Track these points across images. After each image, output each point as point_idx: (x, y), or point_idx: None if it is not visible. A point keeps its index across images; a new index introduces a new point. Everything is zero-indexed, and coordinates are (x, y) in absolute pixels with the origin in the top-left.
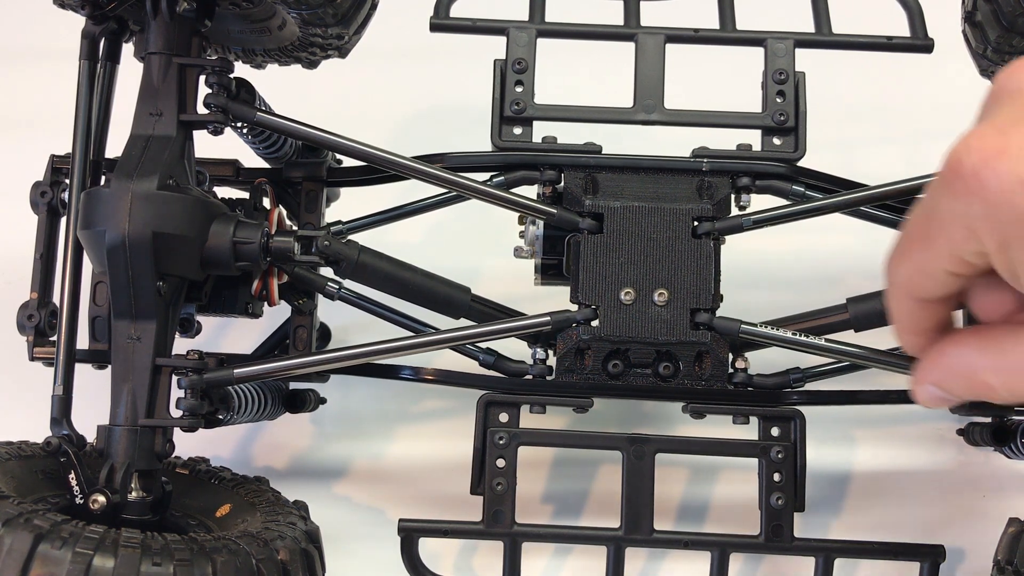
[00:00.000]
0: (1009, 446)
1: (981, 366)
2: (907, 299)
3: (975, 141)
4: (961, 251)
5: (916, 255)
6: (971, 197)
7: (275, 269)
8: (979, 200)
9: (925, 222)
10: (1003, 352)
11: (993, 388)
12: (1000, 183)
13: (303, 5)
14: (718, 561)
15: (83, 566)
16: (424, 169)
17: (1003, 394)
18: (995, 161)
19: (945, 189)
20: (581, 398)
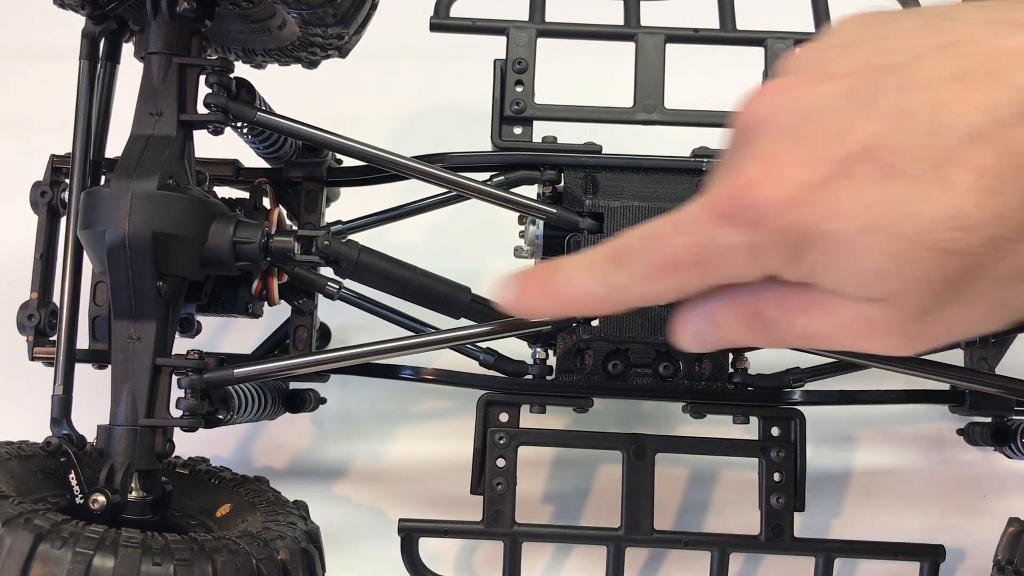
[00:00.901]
0: (1009, 446)
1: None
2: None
3: (747, 178)
4: (740, 275)
5: (679, 279)
6: (755, 228)
7: (275, 269)
8: (763, 230)
9: (697, 252)
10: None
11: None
12: (777, 208)
13: (303, 5)
14: (718, 561)
15: (83, 566)
16: (424, 169)
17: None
18: (770, 191)
19: (725, 225)
20: (581, 398)
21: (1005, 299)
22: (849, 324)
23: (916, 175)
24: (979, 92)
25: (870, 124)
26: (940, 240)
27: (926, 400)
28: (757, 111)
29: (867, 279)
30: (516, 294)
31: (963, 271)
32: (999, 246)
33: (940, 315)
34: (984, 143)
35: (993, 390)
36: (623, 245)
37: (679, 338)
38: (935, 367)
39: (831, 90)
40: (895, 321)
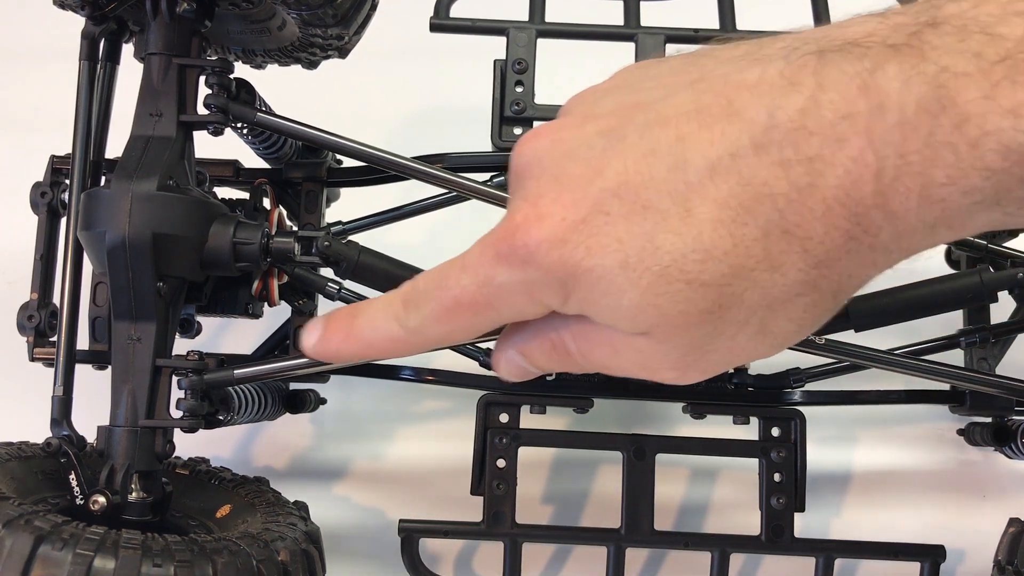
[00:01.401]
0: (1009, 446)
1: (563, 328)
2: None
3: (518, 219)
4: (524, 313)
5: (466, 319)
6: (527, 267)
7: (275, 270)
8: (533, 268)
9: (479, 292)
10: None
11: (571, 354)
12: (543, 246)
13: (303, 6)
14: (719, 561)
15: (84, 567)
16: (424, 169)
17: (580, 361)
18: (536, 230)
19: (502, 265)
20: (581, 398)
21: (765, 326)
22: (629, 357)
23: (662, 209)
24: (716, 126)
25: (620, 161)
26: (687, 272)
27: (926, 400)
28: (524, 155)
29: (626, 313)
30: (317, 339)
31: (714, 302)
32: (743, 276)
33: (707, 346)
34: (721, 175)
35: (993, 390)
36: (415, 287)
37: (499, 371)
38: (935, 367)
39: (589, 130)
40: (666, 353)
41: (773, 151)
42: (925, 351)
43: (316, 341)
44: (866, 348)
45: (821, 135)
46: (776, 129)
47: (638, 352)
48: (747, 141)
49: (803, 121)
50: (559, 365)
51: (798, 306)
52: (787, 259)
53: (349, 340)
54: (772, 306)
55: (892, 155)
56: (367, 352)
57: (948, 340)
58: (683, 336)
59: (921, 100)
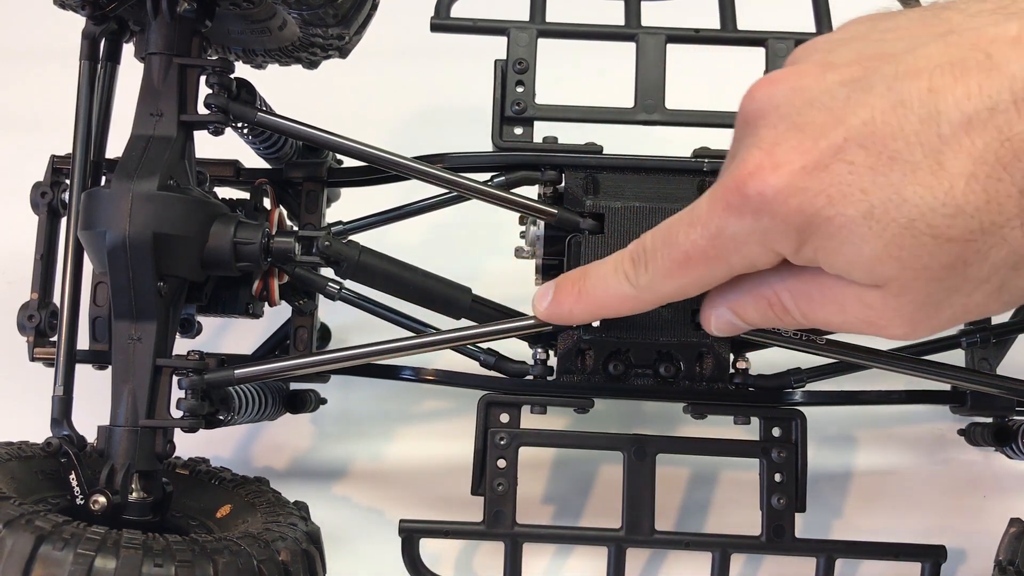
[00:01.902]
0: (1010, 446)
1: (781, 287)
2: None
3: (751, 167)
4: (757, 264)
5: (698, 272)
6: (760, 216)
7: (276, 270)
8: (768, 217)
9: (710, 244)
10: (804, 280)
11: (789, 311)
12: (781, 195)
13: (304, 5)
14: (719, 561)
15: (85, 567)
16: (424, 169)
17: (798, 318)
18: (772, 178)
19: (734, 215)
20: (582, 399)
21: (1005, 285)
22: (856, 312)
23: (911, 161)
24: (973, 79)
25: (867, 111)
26: (934, 227)
27: (927, 400)
28: (759, 101)
29: (865, 264)
30: (550, 301)
31: (959, 258)
32: (994, 232)
33: (941, 303)
34: (977, 130)
35: (994, 390)
36: (643, 246)
37: (709, 327)
38: (936, 367)
39: (830, 79)
40: (899, 308)
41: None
42: (926, 351)
43: (549, 303)
44: (866, 348)
45: None
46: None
47: (868, 308)
48: (1008, 96)
49: None
50: (771, 321)
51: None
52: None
53: (581, 300)
54: (1018, 265)
55: None
56: (599, 311)
57: (949, 340)
58: (920, 291)
59: None
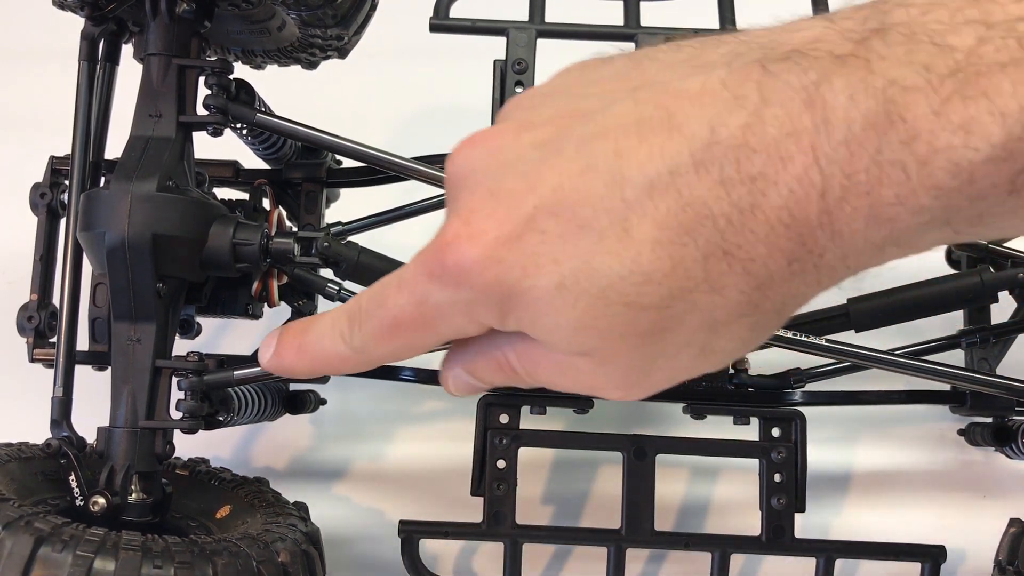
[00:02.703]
0: (1010, 446)
1: (507, 348)
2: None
3: (449, 236)
4: (465, 331)
5: (407, 338)
6: (460, 287)
7: (275, 270)
8: (467, 288)
9: (416, 311)
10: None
11: (516, 372)
12: (478, 266)
13: (303, 6)
14: (719, 562)
15: (84, 569)
16: (424, 170)
17: (526, 379)
18: (468, 249)
19: (436, 284)
20: (581, 399)
21: (707, 347)
22: (573, 377)
23: (599, 229)
24: (656, 140)
25: (556, 177)
26: (625, 296)
27: (927, 401)
28: (458, 164)
29: (564, 335)
30: (272, 353)
31: (654, 325)
32: (684, 298)
33: (648, 368)
34: (660, 194)
35: (994, 390)
36: (358, 304)
37: (447, 387)
38: (936, 367)
39: (525, 140)
40: (608, 374)
41: (714, 169)
42: (925, 351)
43: (271, 356)
44: (866, 348)
45: (765, 153)
46: (718, 145)
47: (581, 372)
48: (687, 158)
49: (746, 138)
50: (506, 381)
51: (741, 326)
52: (728, 281)
53: (301, 356)
54: (714, 327)
55: (838, 174)
56: (319, 368)
57: (948, 340)
58: (624, 358)
59: (868, 115)
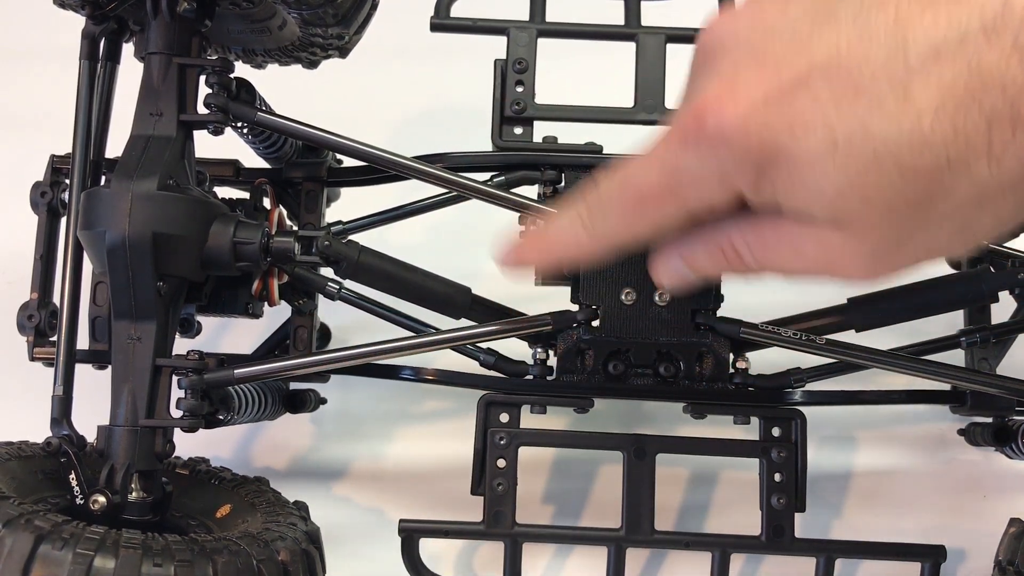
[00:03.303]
0: (1010, 446)
1: (735, 234)
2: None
3: (709, 99)
4: (715, 201)
5: (651, 213)
6: (718, 149)
7: (275, 269)
8: (726, 149)
9: (666, 181)
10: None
11: (742, 258)
12: (741, 127)
13: (303, 5)
14: (719, 561)
15: (84, 567)
16: (424, 169)
17: (752, 266)
18: (731, 109)
19: (690, 149)
20: (582, 398)
21: (968, 223)
22: (814, 255)
23: (877, 93)
24: (941, 8)
25: (832, 41)
26: (900, 161)
27: (927, 400)
28: (719, 32)
29: (827, 201)
30: (510, 249)
31: (924, 194)
32: (960, 168)
33: (903, 241)
34: (946, 61)
35: (994, 390)
36: (599, 190)
37: (658, 276)
38: (936, 367)
39: (793, 11)
40: (858, 248)
41: (1007, 37)
42: (926, 351)
43: (510, 252)
44: (866, 348)
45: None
46: (1011, 14)
47: (826, 248)
48: (977, 24)
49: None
50: (724, 269)
51: (1007, 203)
52: (1009, 151)
53: (544, 252)
54: (982, 202)
55: None
56: (562, 261)
57: (949, 340)
58: (883, 229)
59: None
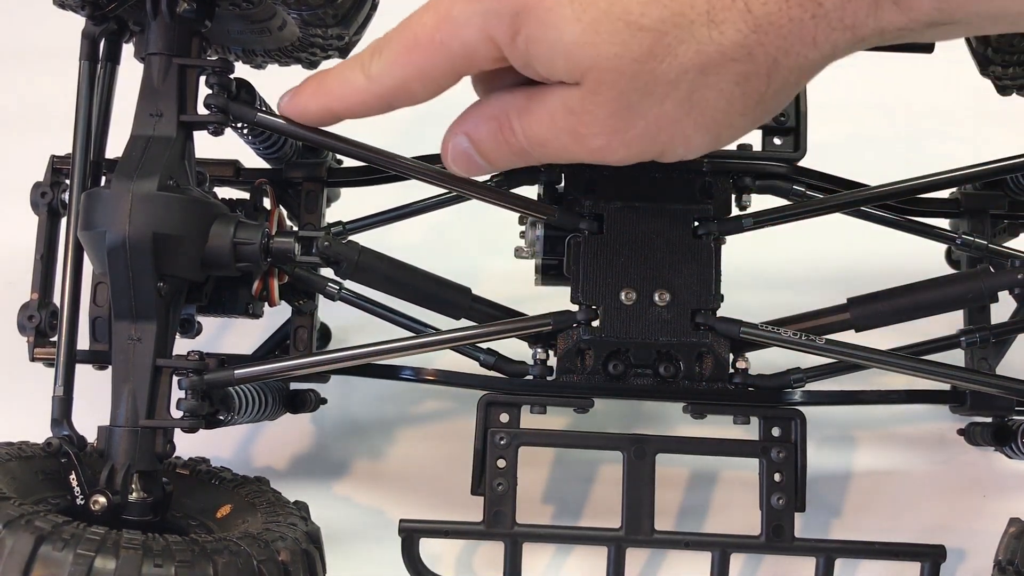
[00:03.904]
0: (1010, 446)
1: (511, 106)
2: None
3: None
4: (476, 52)
5: (422, 58)
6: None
7: (275, 270)
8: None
9: (436, 26)
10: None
11: (513, 131)
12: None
13: (303, 6)
14: (719, 561)
15: (85, 568)
16: (424, 169)
17: (520, 138)
18: None
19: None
20: (582, 398)
21: (694, 92)
22: (563, 121)
23: None
24: None
25: None
26: (628, 13)
27: (927, 400)
28: None
29: (565, 50)
30: (290, 95)
31: (648, 51)
32: (683, 27)
33: (636, 107)
34: None
35: (994, 390)
36: (383, 37)
37: (446, 158)
38: (936, 367)
39: None
40: (595, 110)
41: None
42: (925, 351)
43: (288, 99)
44: (866, 348)
45: None
46: None
47: (571, 113)
48: None
49: None
50: (503, 149)
51: (730, 74)
52: (728, 16)
53: (318, 93)
54: (705, 68)
55: None
56: (334, 104)
57: (948, 340)
58: (613, 86)
59: None
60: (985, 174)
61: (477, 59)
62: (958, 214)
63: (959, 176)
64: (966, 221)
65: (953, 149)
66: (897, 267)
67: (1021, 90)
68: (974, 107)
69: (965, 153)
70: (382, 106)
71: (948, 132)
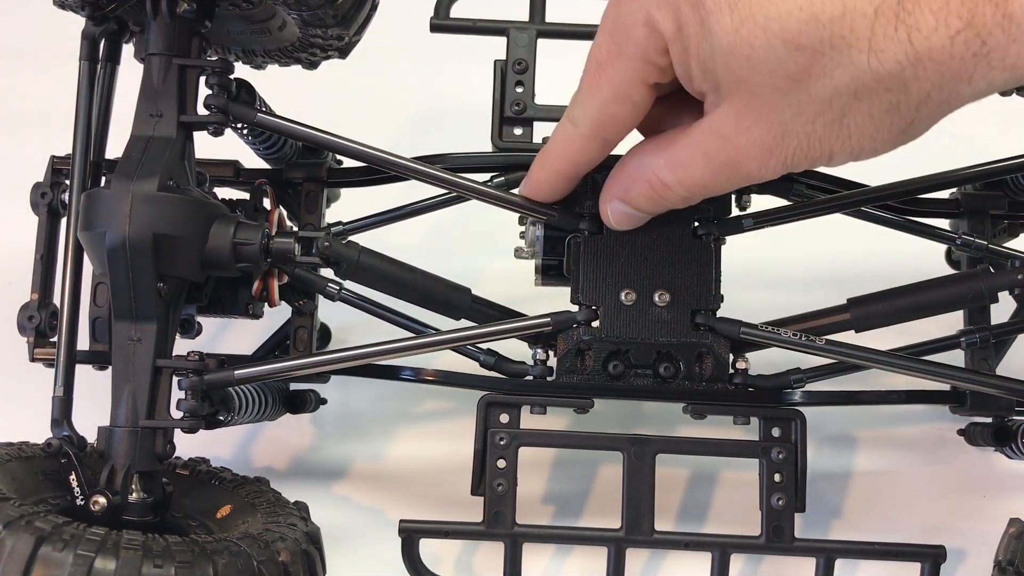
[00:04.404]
0: (1010, 446)
1: (656, 165)
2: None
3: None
4: (647, 51)
5: (608, 78)
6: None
7: (275, 270)
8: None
9: (611, 40)
10: (673, 146)
11: (668, 185)
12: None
13: (303, 6)
14: (719, 561)
15: (85, 568)
16: (424, 170)
17: (678, 190)
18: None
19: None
20: (582, 399)
21: (845, 115)
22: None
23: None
24: None
25: None
26: (786, 30)
27: (927, 401)
28: None
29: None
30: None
31: (803, 69)
32: (841, 49)
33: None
34: None
35: (994, 391)
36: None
37: (608, 221)
38: (936, 367)
39: None
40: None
41: None
42: (925, 351)
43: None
44: (866, 348)
45: None
46: None
47: (725, 140)
48: None
49: None
50: (662, 204)
51: (882, 103)
52: (889, 46)
53: (543, 163)
54: (858, 93)
55: None
56: (557, 165)
57: (948, 340)
58: (765, 103)
59: None
60: (985, 174)
61: (651, 57)
62: (958, 214)
63: (959, 176)
64: (966, 221)
65: (953, 149)
66: (897, 267)
67: (1021, 90)
68: (974, 107)
69: (965, 153)
70: (598, 145)
71: (948, 132)
